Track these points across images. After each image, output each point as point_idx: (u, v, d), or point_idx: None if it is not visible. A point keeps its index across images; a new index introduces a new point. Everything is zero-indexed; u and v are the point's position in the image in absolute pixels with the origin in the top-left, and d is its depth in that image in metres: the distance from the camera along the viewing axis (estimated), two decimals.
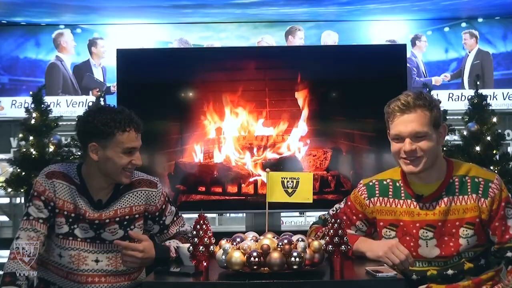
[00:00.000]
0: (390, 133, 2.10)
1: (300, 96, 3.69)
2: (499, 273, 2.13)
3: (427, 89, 4.12)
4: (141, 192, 2.28)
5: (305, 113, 3.68)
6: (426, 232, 2.09)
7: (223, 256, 1.81)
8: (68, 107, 6.73)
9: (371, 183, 2.23)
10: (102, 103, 4.31)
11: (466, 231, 2.05)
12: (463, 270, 2.07)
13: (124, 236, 2.24)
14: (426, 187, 2.10)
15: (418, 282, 2.09)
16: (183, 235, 2.37)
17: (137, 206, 2.27)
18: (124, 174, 2.19)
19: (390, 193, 2.17)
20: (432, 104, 2.06)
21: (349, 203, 2.27)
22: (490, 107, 4.25)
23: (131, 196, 2.26)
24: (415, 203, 2.11)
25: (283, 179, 2.00)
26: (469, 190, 2.06)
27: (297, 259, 1.75)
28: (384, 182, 2.20)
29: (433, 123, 2.05)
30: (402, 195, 2.14)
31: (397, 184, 2.16)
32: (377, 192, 2.19)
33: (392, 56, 3.79)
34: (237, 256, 1.77)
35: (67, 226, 2.22)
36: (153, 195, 2.29)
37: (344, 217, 2.23)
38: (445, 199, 2.07)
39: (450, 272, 2.08)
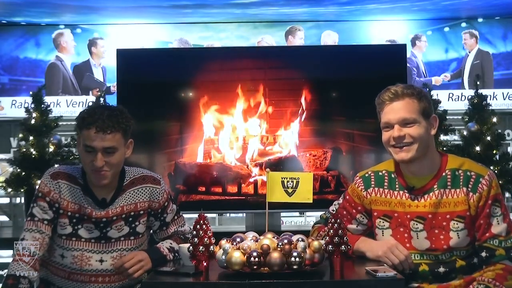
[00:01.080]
0: (380, 123, 2.13)
1: (300, 96, 3.69)
2: None
3: (427, 89, 4.11)
4: (146, 189, 2.29)
5: (305, 113, 3.68)
6: (416, 224, 2.09)
7: (223, 256, 1.81)
8: (68, 107, 6.73)
9: (367, 175, 2.24)
10: (101, 103, 4.30)
11: (457, 224, 2.04)
12: (455, 268, 2.06)
13: (129, 232, 2.26)
14: (418, 180, 2.11)
15: (410, 277, 2.08)
16: (180, 235, 2.38)
17: (142, 202, 2.28)
18: (93, 174, 2.16)
19: (385, 184, 2.18)
20: (421, 94, 2.10)
21: (347, 197, 2.28)
22: (490, 107, 4.24)
23: (135, 193, 2.28)
24: (407, 194, 2.12)
25: (283, 179, 2.00)
26: (461, 183, 2.06)
27: (297, 259, 1.75)
28: (380, 173, 2.21)
29: (422, 112, 2.07)
30: (397, 186, 2.16)
31: (392, 176, 2.18)
32: (372, 183, 2.21)
33: (392, 56, 3.79)
34: (237, 256, 1.77)
35: (70, 226, 2.22)
36: (157, 192, 2.30)
37: (344, 212, 2.24)
38: (436, 192, 2.08)
39: (441, 269, 2.07)
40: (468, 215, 2.05)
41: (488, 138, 4.07)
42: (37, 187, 2.27)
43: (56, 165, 2.38)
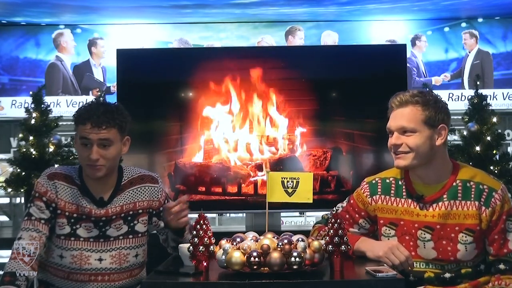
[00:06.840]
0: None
1: (300, 96, 3.69)
2: None
3: (427, 89, 4.11)
4: (145, 188, 2.33)
5: (305, 113, 3.68)
6: (424, 234, 2.08)
7: (223, 256, 1.81)
8: (68, 107, 6.73)
9: (373, 181, 2.23)
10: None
11: (465, 237, 2.04)
12: (460, 274, 2.07)
13: (128, 231, 2.28)
14: (427, 188, 2.10)
15: (415, 284, 2.08)
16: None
17: (141, 201, 2.31)
18: (88, 168, 2.20)
19: (392, 191, 2.17)
20: (428, 102, 2.06)
21: (351, 201, 2.28)
22: (490, 107, 4.23)
23: (135, 192, 2.30)
24: (415, 203, 2.11)
25: (283, 179, 2.00)
26: (472, 196, 2.04)
27: (297, 259, 1.75)
28: (387, 181, 2.20)
29: (425, 121, 2.05)
30: (404, 194, 2.14)
31: (400, 183, 2.17)
32: (379, 190, 2.20)
33: (392, 56, 3.78)
34: (237, 256, 1.77)
35: (69, 226, 2.23)
36: (156, 191, 2.34)
37: (347, 216, 2.24)
38: (446, 203, 2.06)
39: (447, 275, 2.07)
40: (478, 229, 2.03)
41: (488, 138, 4.06)
42: (34, 187, 2.29)
43: (52, 166, 2.39)
